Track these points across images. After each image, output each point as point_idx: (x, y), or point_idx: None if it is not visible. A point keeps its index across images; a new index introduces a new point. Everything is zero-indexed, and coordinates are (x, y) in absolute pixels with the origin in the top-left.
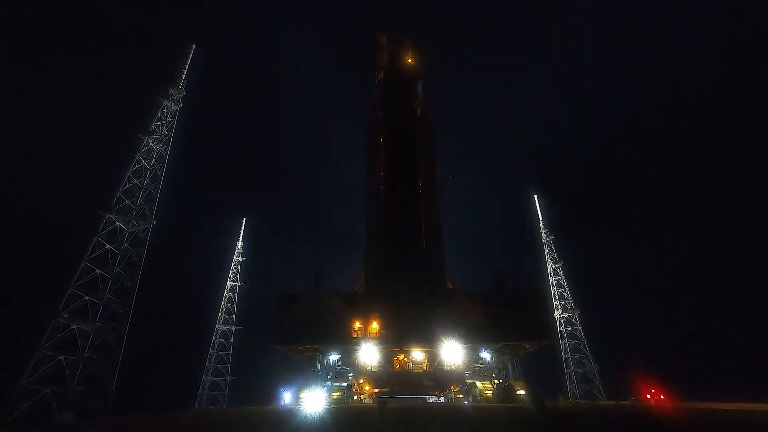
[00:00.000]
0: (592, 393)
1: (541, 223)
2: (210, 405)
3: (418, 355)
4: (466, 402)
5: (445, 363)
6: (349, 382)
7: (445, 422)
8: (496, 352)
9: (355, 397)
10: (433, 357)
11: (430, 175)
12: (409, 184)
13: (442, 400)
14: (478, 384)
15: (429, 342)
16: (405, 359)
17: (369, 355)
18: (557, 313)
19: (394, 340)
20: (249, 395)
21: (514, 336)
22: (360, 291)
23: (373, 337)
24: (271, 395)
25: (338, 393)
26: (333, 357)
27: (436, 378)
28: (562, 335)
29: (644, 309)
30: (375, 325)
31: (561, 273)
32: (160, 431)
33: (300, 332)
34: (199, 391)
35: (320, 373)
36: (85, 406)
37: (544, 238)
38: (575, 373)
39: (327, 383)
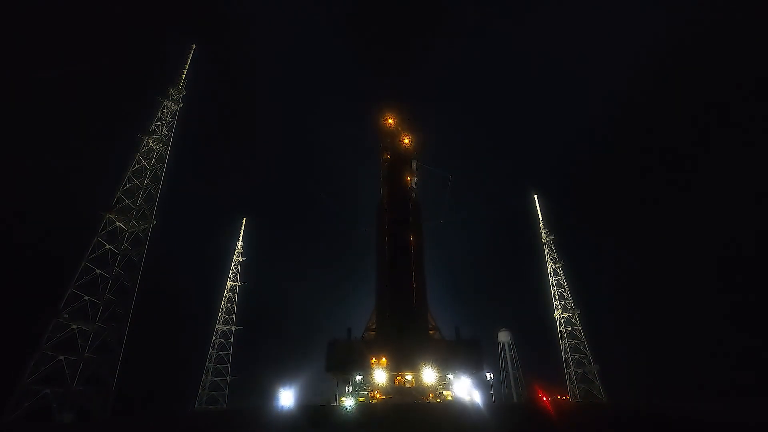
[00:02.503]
0: (593, 393)
1: (541, 223)
2: (210, 405)
3: (409, 376)
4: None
5: (425, 381)
6: (367, 392)
7: (417, 410)
8: (454, 374)
9: (370, 401)
10: (418, 378)
11: (418, 242)
12: (406, 267)
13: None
14: (445, 392)
15: (415, 369)
16: (401, 379)
17: (380, 377)
18: (557, 313)
19: (394, 368)
20: (249, 395)
21: (463, 367)
22: (373, 337)
23: (382, 367)
24: (271, 395)
25: (362, 398)
26: (358, 377)
27: (420, 390)
28: (562, 335)
29: (644, 309)
30: (383, 360)
31: (561, 273)
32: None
33: (340, 364)
34: (199, 391)
35: (351, 386)
36: (85, 406)
37: (544, 238)
38: (575, 373)
39: (355, 392)
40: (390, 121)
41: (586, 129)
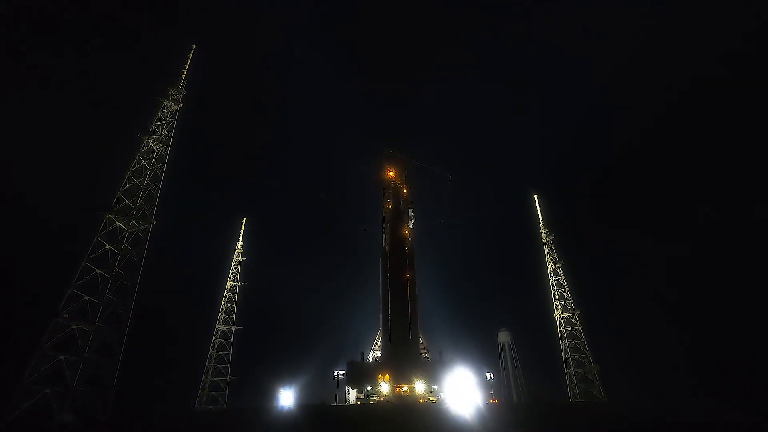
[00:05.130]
0: (592, 393)
1: (541, 223)
2: (210, 405)
3: (405, 387)
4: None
5: (417, 391)
6: (375, 397)
7: (408, 408)
8: (437, 385)
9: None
10: (412, 388)
11: (413, 279)
12: (404, 306)
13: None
14: (431, 398)
15: (410, 381)
16: (399, 389)
17: (384, 387)
18: (557, 313)
19: (395, 381)
20: (249, 395)
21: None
22: (379, 357)
23: (386, 381)
24: (271, 395)
25: (372, 401)
26: (368, 387)
27: (413, 397)
28: (562, 335)
29: (644, 309)
30: (387, 375)
31: (561, 273)
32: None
33: (356, 379)
34: (199, 391)
35: (364, 394)
36: (85, 406)
37: (544, 238)
38: (575, 373)
39: (367, 398)
40: (391, 173)
41: (585, 128)
